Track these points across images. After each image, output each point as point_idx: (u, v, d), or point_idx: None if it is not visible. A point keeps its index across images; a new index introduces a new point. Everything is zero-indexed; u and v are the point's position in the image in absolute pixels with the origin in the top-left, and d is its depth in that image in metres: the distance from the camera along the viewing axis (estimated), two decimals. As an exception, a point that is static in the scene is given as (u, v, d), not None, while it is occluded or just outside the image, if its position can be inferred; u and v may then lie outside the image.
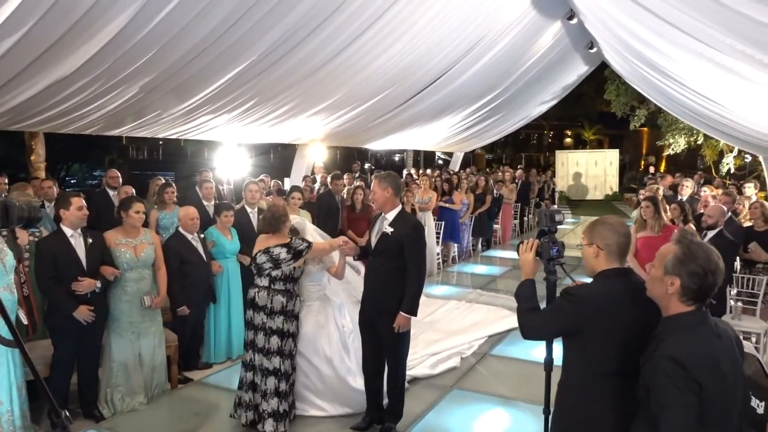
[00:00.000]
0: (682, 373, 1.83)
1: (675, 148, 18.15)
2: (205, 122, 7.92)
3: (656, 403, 1.90)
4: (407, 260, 4.13)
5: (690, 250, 1.96)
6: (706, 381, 1.85)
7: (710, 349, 1.93)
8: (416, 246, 4.18)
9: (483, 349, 6.31)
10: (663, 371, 1.87)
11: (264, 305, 4.38)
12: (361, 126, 10.69)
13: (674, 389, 1.84)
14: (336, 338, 4.70)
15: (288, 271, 4.40)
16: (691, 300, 1.97)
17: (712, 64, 6.48)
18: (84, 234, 4.55)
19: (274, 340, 4.37)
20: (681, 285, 1.95)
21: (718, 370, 1.91)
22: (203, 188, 7.06)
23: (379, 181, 4.29)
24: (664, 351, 1.90)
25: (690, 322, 1.97)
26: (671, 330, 1.98)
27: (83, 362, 4.68)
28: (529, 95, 14.43)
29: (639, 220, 6.09)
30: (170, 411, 4.87)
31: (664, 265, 1.99)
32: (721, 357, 1.94)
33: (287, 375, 4.44)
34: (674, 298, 1.98)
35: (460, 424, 4.62)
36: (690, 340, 1.92)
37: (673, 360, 1.85)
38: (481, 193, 12.12)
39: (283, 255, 4.38)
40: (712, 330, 1.99)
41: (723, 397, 1.91)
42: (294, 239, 4.48)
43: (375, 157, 35.79)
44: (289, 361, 4.46)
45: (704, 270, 1.94)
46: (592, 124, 35.55)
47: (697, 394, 1.84)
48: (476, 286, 9.21)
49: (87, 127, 6.97)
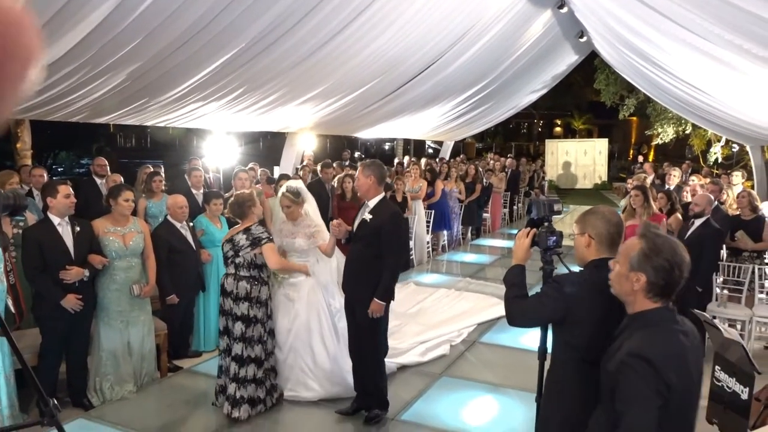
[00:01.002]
0: (651, 372, 1.80)
1: (663, 137, 18.26)
2: (193, 110, 7.86)
3: (621, 400, 1.84)
4: (383, 248, 4.15)
5: (656, 244, 1.91)
6: (674, 380, 1.82)
7: (678, 347, 1.90)
8: (393, 234, 4.19)
9: (472, 337, 6.35)
10: (631, 369, 1.83)
11: (231, 291, 4.45)
12: (350, 115, 10.64)
13: (643, 388, 1.80)
14: (326, 317, 4.76)
15: (249, 258, 4.44)
16: (658, 296, 1.93)
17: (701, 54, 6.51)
18: (71, 222, 4.52)
19: (238, 326, 4.41)
20: (647, 281, 1.91)
21: (686, 370, 1.88)
22: (192, 176, 7.01)
23: (362, 168, 4.31)
24: (632, 348, 1.85)
25: (657, 319, 1.93)
26: (638, 327, 1.93)
27: (72, 351, 4.67)
28: (519, 84, 14.43)
29: (628, 208, 6.13)
30: (160, 399, 4.86)
31: (630, 261, 1.95)
32: (688, 356, 1.91)
33: (257, 360, 4.44)
34: (640, 295, 1.94)
35: (450, 410, 4.65)
36: (658, 337, 1.88)
37: (641, 358, 1.82)
38: (470, 182, 12.14)
39: (243, 242, 4.45)
40: (679, 327, 1.96)
41: (686, 396, 1.89)
42: (255, 225, 4.51)
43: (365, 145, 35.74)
44: (260, 347, 4.45)
45: (670, 264, 1.90)
46: (582, 113, 35.65)
47: (664, 394, 1.81)
48: (466, 275, 9.25)
49: (73, 114, 6.88)
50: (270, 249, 4.45)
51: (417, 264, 10.05)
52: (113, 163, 8.07)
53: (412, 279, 8.76)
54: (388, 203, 4.38)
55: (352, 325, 4.45)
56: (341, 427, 4.38)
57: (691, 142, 19.09)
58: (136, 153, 30.01)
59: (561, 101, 32.42)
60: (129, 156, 27.51)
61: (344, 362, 4.73)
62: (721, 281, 6.36)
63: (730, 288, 6.40)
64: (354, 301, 4.35)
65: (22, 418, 4.25)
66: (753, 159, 13.62)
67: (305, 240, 4.73)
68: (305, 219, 4.82)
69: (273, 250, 4.48)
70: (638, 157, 21.56)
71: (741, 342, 3.49)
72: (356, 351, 4.46)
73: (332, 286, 4.91)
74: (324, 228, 4.85)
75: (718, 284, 6.31)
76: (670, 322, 1.95)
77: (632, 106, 18.71)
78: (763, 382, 3.70)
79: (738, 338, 3.52)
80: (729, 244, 6.42)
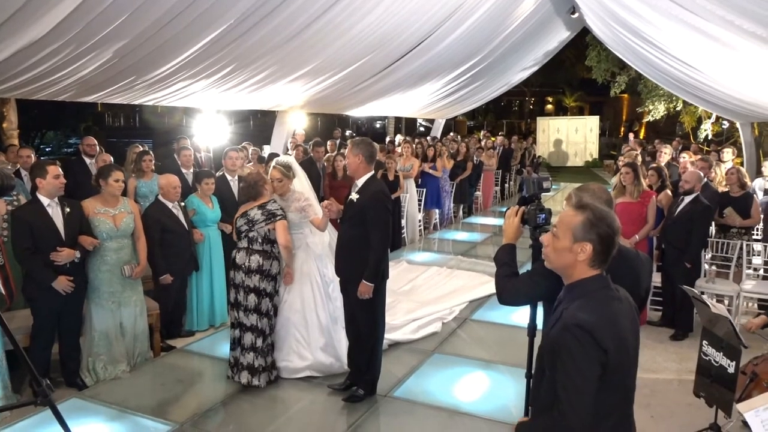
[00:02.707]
0: (590, 340, 1.82)
1: (654, 114, 18.27)
2: (182, 88, 7.76)
3: (561, 369, 1.87)
4: (369, 227, 4.13)
5: (597, 212, 1.94)
6: (611, 347, 1.84)
7: (613, 314, 1.92)
8: (377, 213, 4.14)
9: (464, 314, 6.41)
10: (570, 337, 1.84)
11: (242, 264, 4.56)
12: (341, 92, 10.56)
13: (582, 356, 1.83)
14: (318, 288, 4.82)
15: (263, 232, 4.56)
16: (600, 264, 1.96)
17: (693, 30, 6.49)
18: (61, 203, 4.48)
19: (252, 298, 4.55)
20: (593, 249, 1.93)
21: (623, 337, 1.91)
22: (181, 156, 6.96)
23: (351, 147, 4.27)
24: (571, 317, 1.87)
25: (595, 288, 1.96)
26: (576, 296, 1.95)
27: (64, 332, 4.67)
28: (511, 62, 14.34)
29: (618, 186, 6.15)
30: (153, 378, 4.89)
31: (573, 233, 1.95)
32: (624, 323, 1.94)
33: (263, 333, 4.59)
34: (583, 265, 1.95)
35: (441, 386, 4.71)
36: (596, 306, 1.91)
37: (580, 326, 1.83)
38: (462, 160, 12.13)
39: (258, 216, 4.56)
40: (614, 294, 1.99)
41: (624, 362, 1.91)
42: (271, 201, 4.61)
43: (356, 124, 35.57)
44: (266, 320, 4.60)
45: (613, 230, 1.93)
46: (573, 90, 35.53)
47: (602, 362, 1.83)
48: (457, 253, 9.30)
49: (60, 93, 6.78)
50: (282, 226, 4.59)
51: (409, 242, 10.07)
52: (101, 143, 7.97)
53: (404, 257, 8.79)
54: (374, 182, 4.31)
55: (347, 305, 4.47)
56: (334, 402, 4.43)
57: (681, 119, 19.11)
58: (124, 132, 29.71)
59: (552, 78, 32.28)
60: (117, 135, 27.25)
61: (338, 335, 4.79)
62: (709, 257, 6.43)
63: (718, 264, 6.47)
64: (347, 281, 4.36)
65: (16, 398, 4.26)
66: (743, 136, 13.66)
67: (296, 214, 4.79)
68: (293, 193, 4.84)
69: (285, 228, 4.60)
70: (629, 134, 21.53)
71: (728, 317, 3.53)
72: (351, 330, 4.48)
73: (326, 257, 4.93)
74: (316, 202, 4.90)
75: (706, 260, 6.38)
76: (606, 290, 1.98)
77: (623, 83, 18.66)
78: (748, 356, 3.76)
79: (725, 313, 3.57)
80: (718, 221, 6.48)
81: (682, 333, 5.83)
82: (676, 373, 5.05)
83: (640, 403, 3.56)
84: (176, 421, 4.16)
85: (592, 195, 2.48)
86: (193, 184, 6.38)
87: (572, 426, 1.82)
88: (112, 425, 4.11)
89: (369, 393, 4.47)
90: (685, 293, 4.29)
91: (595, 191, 2.51)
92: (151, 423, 4.15)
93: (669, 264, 5.97)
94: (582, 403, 1.83)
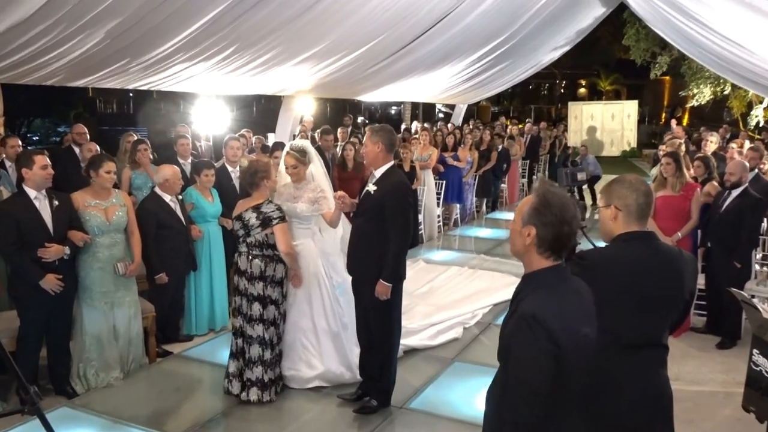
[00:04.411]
0: (544, 333, 1.90)
1: (699, 99, 18.09)
2: (179, 72, 7.80)
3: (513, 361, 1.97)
4: (388, 222, 4.13)
5: (545, 198, 2.04)
6: (564, 342, 1.91)
7: (570, 307, 2.02)
8: (398, 206, 4.15)
9: (487, 319, 6.39)
10: (524, 330, 1.93)
11: (245, 270, 4.54)
12: (352, 76, 10.55)
13: (534, 349, 1.90)
14: (326, 289, 4.81)
15: (260, 238, 4.49)
16: (548, 251, 2.04)
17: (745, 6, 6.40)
18: (49, 195, 4.53)
19: (256, 306, 4.53)
20: (536, 234, 2.03)
21: (577, 331, 1.98)
22: (178, 145, 7.01)
23: (371, 134, 4.27)
24: (525, 309, 1.95)
25: (551, 279, 2.05)
26: (532, 287, 2.05)
27: (52, 335, 4.72)
28: (540, 41, 14.23)
29: (659, 177, 6.10)
30: (149, 387, 4.94)
31: (522, 217, 2.09)
32: (579, 316, 2.03)
33: (271, 343, 4.58)
34: (532, 251, 2.06)
35: (462, 397, 4.70)
36: (551, 299, 1.99)
37: (534, 319, 1.91)
38: (485, 149, 12.07)
39: (253, 221, 4.49)
40: (572, 287, 2.09)
41: (577, 357, 1.98)
42: (266, 202, 4.52)
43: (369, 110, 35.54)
44: (273, 329, 4.59)
45: (558, 219, 2.01)
46: (609, 72, 35.25)
47: (555, 356, 1.90)
48: (480, 251, 9.28)
49: (48, 77, 6.86)
50: (282, 230, 4.49)
51: (427, 240, 10.06)
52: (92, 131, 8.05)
53: (421, 256, 8.79)
54: (394, 172, 4.34)
55: (359, 308, 4.47)
56: (344, 414, 4.44)
57: (729, 104, 18.90)
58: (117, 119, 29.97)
59: (586, 59, 32.04)
60: (110, 123, 27.48)
61: (349, 342, 4.79)
62: (760, 257, 6.35)
63: (771, 265, 6.40)
64: (359, 282, 4.36)
65: (1, 406, 4.33)
66: (798, 122, 13.47)
67: (308, 205, 4.74)
68: (310, 182, 4.82)
69: (285, 231, 4.52)
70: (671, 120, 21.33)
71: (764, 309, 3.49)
72: (364, 336, 4.48)
73: (335, 257, 4.94)
74: (330, 194, 4.82)
75: (757, 260, 6.30)
76: (562, 282, 2.07)
77: (665, 65, 18.46)
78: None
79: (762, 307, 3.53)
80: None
81: (730, 341, 5.77)
82: (722, 385, 5.00)
83: (682, 418, 3.52)
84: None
85: (629, 187, 2.46)
86: (191, 175, 6.42)
87: (523, 418, 1.91)
88: (104, 437, 4.15)
89: (383, 404, 4.47)
90: (732, 297, 4.25)
91: (633, 183, 2.48)
92: (146, 435, 4.18)
93: (715, 264, 5.90)
94: (533, 398, 1.90)
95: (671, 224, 5.75)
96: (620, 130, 26.75)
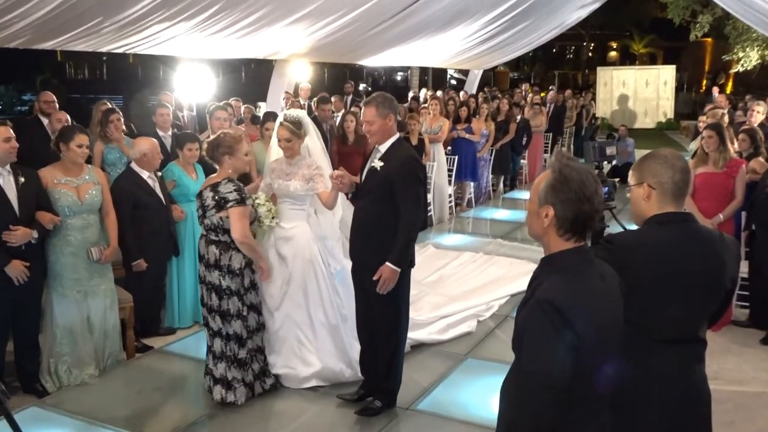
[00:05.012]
0: (561, 320, 1.91)
1: (745, 63, 17.98)
2: (158, 32, 7.77)
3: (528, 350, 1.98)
4: (398, 201, 4.12)
5: (563, 174, 2.05)
6: (584, 329, 1.92)
7: (592, 292, 2.03)
8: (408, 184, 4.15)
9: (504, 311, 6.41)
10: (540, 316, 1.94)
11: (203, 255, 4.55)
12: (353, 37, 10.50)
13: (551, 336, 1.91)
14: (323, 277, 4.82)
15: (215, 221, 4.43)
16: (569, 232, 2.06)
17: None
18: (14, 172, 4.53)
19: (215, 296, 4.51)
20: (555, 214, 2.04)
21: (599, 317, 2.00)
22: (157, 115, 7.00)
23: (376, 107, 4.18)
24: (542, 294, 1.96)
25: (571, 263, 2.06)
26: (551, 270, 2.06)
27: (19, 327, 4.75)
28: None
29: (699, 153, 6.07)
30: (127, 385, 4.98)
31: (538, 195, 2.09)
32: (603, 303, 2.04)
33: (239, 338, 4.53)
34: (552, 232, 2.08)
35: (476, 398, 4.72)
36: (571, 283, 2.00)
37: (549, 303, 1.92)
38: (503, 121, 12.03)
39: (209, 201, 4.43)
40: (596, 269, 2.10)
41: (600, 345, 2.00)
42: (224, 181, 4.42)
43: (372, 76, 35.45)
44: (239, 323, 4.52)
45: (578, 196, 2.02)
46: (643, 34, 35.00)
47: (575, 347, 1.91)
48: (496, 235, 9.29)
49: (11, 39, 6.83)
50: (237, 214, 4.36)
51: (437, 222, 10.07)
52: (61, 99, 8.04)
53: (430, 240, 8.80)
54: (401, 146, 4.33)
55: (361, 298, 4.47)
56: (345, 416, 4.46)
57: (779, 69, 18.77)
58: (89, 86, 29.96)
59: (617, 19, 31.84)
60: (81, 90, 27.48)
61: (348, 336, 4.82)
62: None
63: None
64: (362, 269, 4.35)
65: (-35, 406, 4.37)
66: None
67: (302, 184, 4.73)
68: (305, 158, 4.82)
69: (241, 215, 4.38)
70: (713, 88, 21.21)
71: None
72: (366, 330, 4.49)
73: (332, 242, 4.95)
74: (328, 172, 4.80)
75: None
76: (584, 265, 2.09)
77: (707, 25, 18.31)
78: None
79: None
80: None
81: (776, 336, 5.78)
82: (766, 384, 5.02)
83: (721, 421, 3.54)
84: (155, 435, 4.23)
85: (664, 163, 2.45)
86: (172, 149, 6.42)
87: (538, 416, 1.92)
88: (78, 440, 4.20)
89: (387, 405, 4.49)
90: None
91: (668, 159, 2.47)
92: (124, 437, 4.22)
93: (761, 250, 5.89)
94: (549, 394, 1.91)
95: (712, 205, 5.73)
96: (655, 99, 26.65)
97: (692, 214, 2.63)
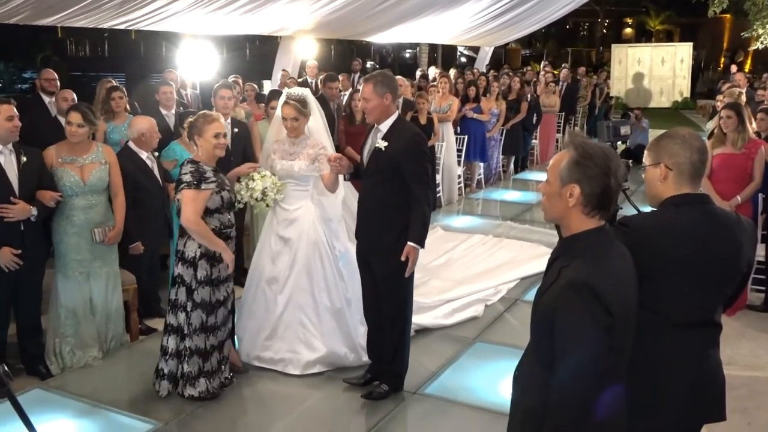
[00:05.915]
0: (595, 302, 1.91)
1: (765, 40, 17.78)
2: (160, 8, 7.76)
3: (563, 336, 1.97)
4: (409, 181, 4.14)
5: (584, 149, 2.06)
6: (615, 309, 1.94)
7: (618, 272, 2.04)
8: (415, 161, 4.16)
9: (513, 294, 6.42)
10: (575, 299, 1.94)
11: None
12: (360, 12, 10.45)
13: (588, 319, 1.92)
14: (329, 259, 4.83)
15: (177, 204, 4.35)
16: (596, 209, 2.06)
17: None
18: (17, 151, 4.54)
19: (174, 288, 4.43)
20: (581, 192, 2.04)
21: (626, 296, 2.02)
22: (160, 93, 6.98)
23: (373, 85, 4.17)
24: (575, 277, 1.96)
25: (595, 242, 2.07)
26: (575, 253, 2.06)
27: (21, 308, 4.79)
28: (580, -29, 14.04)
29: (717, 133, 6.04)
30: (130, 367, 5.02)
31: (560, 176, 2.09)
32: (627, 281, 2.07)
33: (179, 331, 4.40)
34: (576, 211, 2.07)
35: (484, 382, 4.75)
36: (599, 263, 2.01)
37: (586, 286, 1.92)
38: (514, 100, 11.96)
39: None
40: (619, 250, 2.12)
41: (626, 323, 2.02)
42: (186, 162, 4.34)
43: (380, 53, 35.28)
44: (183, 315, 4.37)
45: (603, 170, 2.03)
46: (660, 9, 34.71)
47: (610, 328, 1.93)
48: (506, 217, 9.27)
49: (11, 14, 6.83)
50: (189, 198, 4.18)
51: (445, 204, 10.06)
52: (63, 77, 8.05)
53: (438, 222, 8.79)
54: (403, 124, 4.34)
55: (368, 281, 4.49)
56: (351, 400, 4.49)
57: (800, 47, 18.59)
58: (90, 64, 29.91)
59: (633, -6, 31.57)
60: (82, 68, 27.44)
61: (353, 319, 4.85)
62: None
63: None
64: (368, 251, 4.37)
65: (-32, 388, 4.41)
66: None
67: (307, 164, 4.73)
68: (308, 137, 4.81)
69: (193, 200, 4.18)
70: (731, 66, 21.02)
71: None
72: (372, 313, 4.51)
73: (336, 223, 4.96)
74: (331, 152, 4.79)
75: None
76: (608, 244, 2.10)
77: (725, 0, 18.12)
78: None
79: None
80: None
81: (792, 321, 5.78)
82: (782, 370, 5.03)
83: (734, 407, 3.55)
84: (159, 419, 4.25)
85: (681, 143, 2.43)
86: (175, 127, 6.41)
87: (571, 403, 1.94)
88: (82, 422, 4.23)
89: (394, 389, 4.51)
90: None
91: (685, 138, 2.45)
92: (128, 420, 4.26)
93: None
94: (592, 377, 1.93)
95: (730, 186, 5.71)
96: (671, 77, 26.42)
97: (709, 195, 2.61)
